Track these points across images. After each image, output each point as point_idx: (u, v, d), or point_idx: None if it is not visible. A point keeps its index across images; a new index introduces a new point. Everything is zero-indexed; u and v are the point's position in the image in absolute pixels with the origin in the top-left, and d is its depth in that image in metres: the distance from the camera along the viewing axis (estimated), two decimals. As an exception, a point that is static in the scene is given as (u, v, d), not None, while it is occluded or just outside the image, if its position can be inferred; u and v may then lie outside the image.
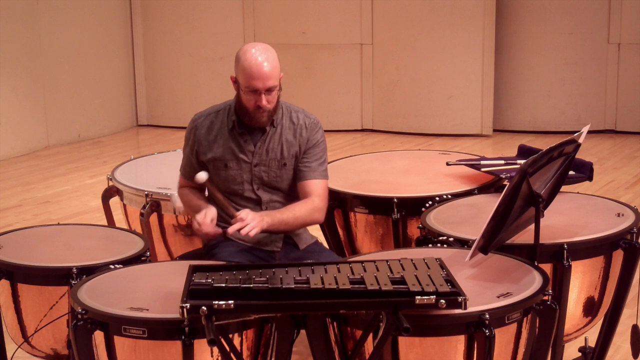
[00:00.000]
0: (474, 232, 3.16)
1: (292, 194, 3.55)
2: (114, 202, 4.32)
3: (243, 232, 3.21)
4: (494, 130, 8.96)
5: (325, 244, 3.96)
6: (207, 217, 3.32)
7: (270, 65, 3.32)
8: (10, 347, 3.52)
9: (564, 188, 3.48)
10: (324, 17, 9.05)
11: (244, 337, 2.79)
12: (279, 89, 3.39)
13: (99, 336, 2.77)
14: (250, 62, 3.32)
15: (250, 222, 3.23)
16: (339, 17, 9.02)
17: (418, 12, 8.80)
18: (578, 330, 3.43)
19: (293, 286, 2.61)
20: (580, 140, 3.22)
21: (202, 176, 3.31)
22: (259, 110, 3.36)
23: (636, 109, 8.79)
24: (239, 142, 3.46)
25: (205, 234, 3.35)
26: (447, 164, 4.12)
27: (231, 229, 3.25)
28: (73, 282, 3.09)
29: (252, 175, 3.47)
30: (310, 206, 3.43)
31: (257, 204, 3.48)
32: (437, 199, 3.74)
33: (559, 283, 3.16)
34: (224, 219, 3.49)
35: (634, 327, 3.67)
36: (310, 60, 9.00)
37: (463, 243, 3.25)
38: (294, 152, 3.48)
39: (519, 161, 4.04)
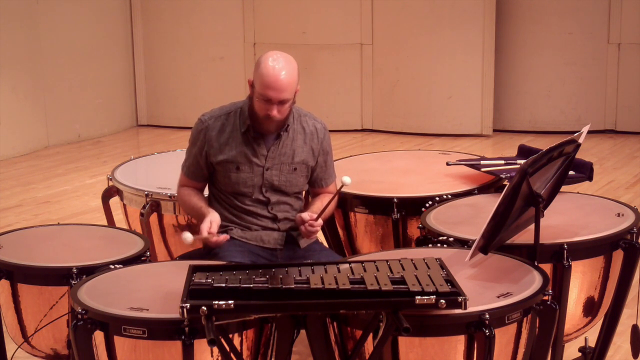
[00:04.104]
0: (474, 232, 3.16)
1: (299, 196, 3.60)
2: (114, 202, 4.32)
3: (312, 237, 3.47)
4: (494, 130, 8.97)
5: (325, 244, 3.96)
6: (213, 227, 3.35)
7: (288, 78, 3.32)
8: (10, 347, 3.52)
9: (564, 188, 3.48)
10: (324, 17, 9.05)
11: (244, 337, 2.79)
12: (293, 102, 3.40)
13: (99, 336, 2.77)
14: (268, 71, 3.32)
15: (318, 228, 3.44)
16: (339, 17, 9.02)
17: (418, 12, 8.80)
18: (578, 330, 3.43)
19: (293, 286, 2.61)
20: (580, 140, 3.22)
21: (187, 238, 3.25)
22: (268, 118, 3.38)
23: (636, 109, 8.79)
24: (253, 145, 3.47)
25: (213, 243, 3.37)
26: (447, 164, 4.12)
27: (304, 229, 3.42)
28: (73, 282, 3.09)
29: (263, 179, 3.49)
30: (334, 203, 3.61)
31: (264, 205, 3.51)
32: (437, 199, 3.74)
33: (559, 283, 3.16)
34: (228, 218, 3.50)
35: (634, 327, 3.67)
36: (310, 60, 9.00)
37: (463, 243, 3.25)
38: (304, 158, 3.53)
39: (519, 161, 4.04)
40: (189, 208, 3.56)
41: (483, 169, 4.02)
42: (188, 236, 3.16)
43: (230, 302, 2.54)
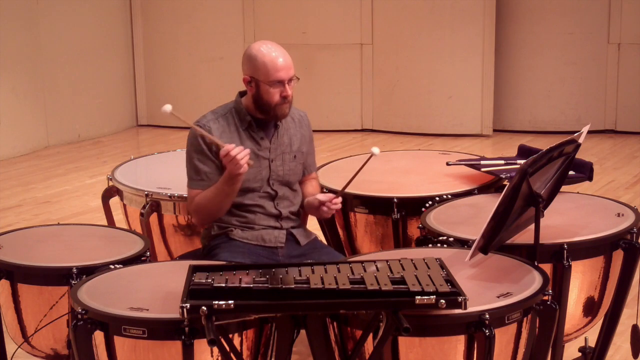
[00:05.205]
0: (474, 232, 3.16)
1: (297, 187, 3.64)
2: (114, 202, 4.32)
3: (336, 206, 3.53)
4: (494, 130, 8.97)
5: (325, 244, 3.97)
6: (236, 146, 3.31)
7: (287, 55, 3.46)
8: (10, 347, 3.52)
9: (564, 188, 3.48)
10: (324, 17, 9.05)
11: (244, 337, 2.79)
12: (297, 78, 3.49)
13: (99, 336, 2.77)
14: (270, 56, 3.41)
15: (339, 205, 3.55)
16: (339, 17, 9.02)
17: (418, 12, 8.81)
18: (578, 330, 3.43)
19: (293, 286, 2.61)
20: (580, 140, 3.23)
21: (167, 108, 3.23)
22: (284, 101, 3.44)
23: (636, 109, 8.79)
24: (256, 139, 3.50)
25: (238, 162, 3.27)
26: (447, 164, 4.12)
27: (329, 204, 3.51)
28: (73, 282, 3.09)
29: (269, 171, 3.53)
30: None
31: (271, 199, 3.53)
32: (437, 199, 3.74)
33: (559, 283, 3.16)
34: (229, 220, 3.49)
35: (634, 327, 3.67)
36: (310, 60, 9.01)
37: (463, 243, 3.25)
38: (299, 145, 3.61)
39: (519, 161, 4.04)
40: (211, 196, 3.43)
41: (483, 169, 4.02)
42: (168, 107, 3.23)
43: (230, 302, 2.54)
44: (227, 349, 2.70)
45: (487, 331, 2.64)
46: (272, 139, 3.53)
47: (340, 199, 3.53)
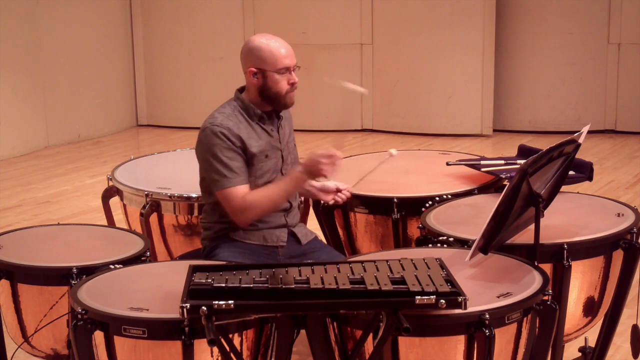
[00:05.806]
0: (474, 232, 3.16)
1: None
2: (114, 202, 4.32)
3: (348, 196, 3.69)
4: (494, 130, 8.97)
5: (325, 243, 3.96)
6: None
7: (287, 44, 3.49)
8: (10, 347, 3.52)
9: (564, 188, 3.48)
10: (324, 17, 9.05)
11: (244, 337, 2.79)
12: (298, 67, 3.53)
13: (99, 336, 2.77)
14: (275, 45, 3.44)
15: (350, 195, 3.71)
16: (339, 17, 9.03)
17: (418, 12, 8.81)
18: (578, 330, 3.43)
19: (293, 286, 2.61)
20: (580, 140, 3.23)
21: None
22: (292, 88, 3.47)
23: (636, 109, 8.79)
24: (268, 132, 3.52)
25: (336, 168, 3.32)
26: (447, 164, 4.12)
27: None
28: (73, 282, 3.09)
29: (282, 161, 3.55)
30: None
31: None
32: (437, 199, 3.74)
33: (559, 283, 3.16)
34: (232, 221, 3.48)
35: (634, 327, 3.67)
36: (310, 60, 9.00)
37: (463, 243, 3.25)
38: (293, 135, 3.67)
39: (519, 161, 4.04)
40: (276, 196, 3.41)
41: (483, 169, 4.02)
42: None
43: (230, 302, 2.54)
44: (227, 349, 2.70)
45: (487, 331, 2.64)
46: (280, 129, 3.56)
47: (350, 191, 3.69)
